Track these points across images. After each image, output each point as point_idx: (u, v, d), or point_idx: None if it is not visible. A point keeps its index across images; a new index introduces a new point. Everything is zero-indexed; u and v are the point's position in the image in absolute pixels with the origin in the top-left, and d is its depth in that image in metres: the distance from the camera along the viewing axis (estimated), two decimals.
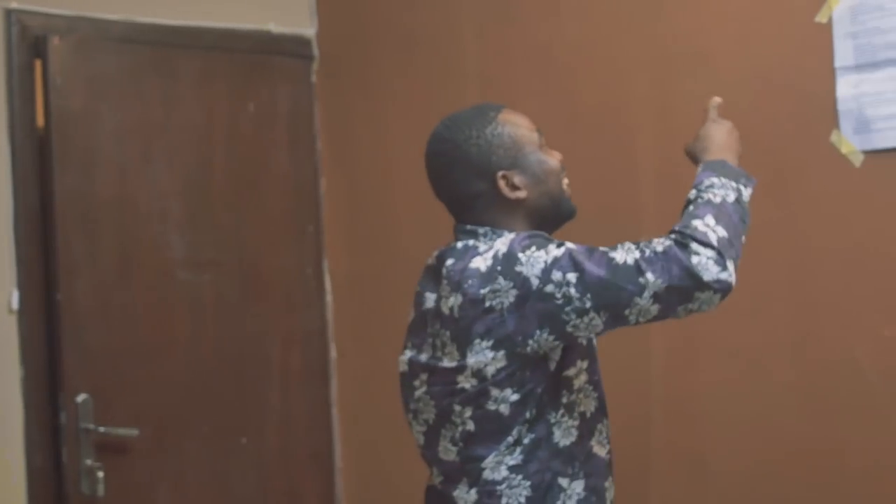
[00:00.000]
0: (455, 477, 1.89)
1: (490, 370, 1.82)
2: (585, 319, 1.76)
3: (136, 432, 2.97)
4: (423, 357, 1.91)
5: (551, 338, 1.79)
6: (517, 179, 1.92)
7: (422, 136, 3.24)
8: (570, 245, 1.80)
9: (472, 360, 1.82)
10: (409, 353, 1.97)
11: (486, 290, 1.80)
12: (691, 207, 1.80)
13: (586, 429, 1.89)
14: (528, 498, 1.84)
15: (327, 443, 3.40)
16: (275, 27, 3.36)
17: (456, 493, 1.88)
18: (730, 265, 1.72)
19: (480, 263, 1.83)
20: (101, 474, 2.90)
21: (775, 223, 2.52)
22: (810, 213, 2.55)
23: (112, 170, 3.06)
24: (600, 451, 1.92)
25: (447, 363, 1.85)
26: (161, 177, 3.14)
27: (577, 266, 1.76)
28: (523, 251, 1.80)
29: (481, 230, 1.92)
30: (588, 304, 1.75)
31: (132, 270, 3.07)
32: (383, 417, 3.36)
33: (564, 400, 1.87)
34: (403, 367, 1.98)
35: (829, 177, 2.50)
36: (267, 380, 3.29)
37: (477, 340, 1.81)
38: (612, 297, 1.74)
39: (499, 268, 1.80)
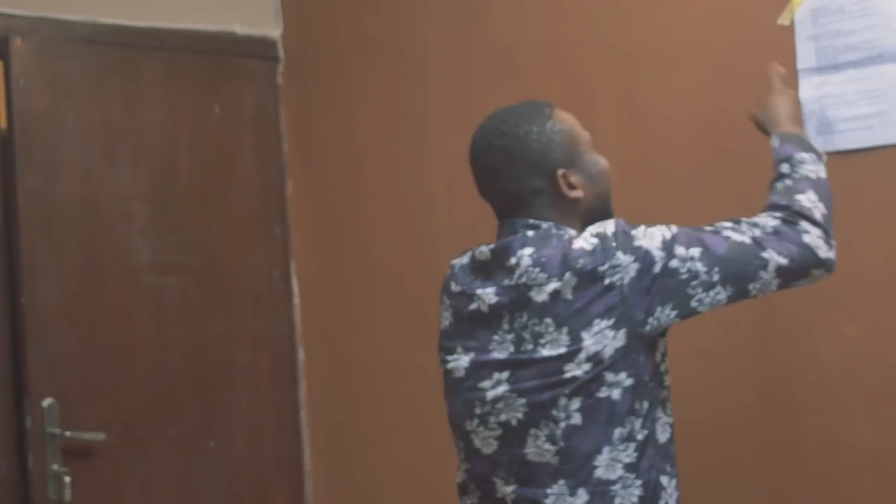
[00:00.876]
0: (544, 480, 1.79)
1: (608, 351, 1.76)
2: (711, 293, 1.76)
3: (102, 437, 2.95)
4: (500, 354, 1.83)
5: (673, 314, 1.78)
6: (574, 179, 1.89)
7: (388, 136, 3.27)
8: (673, 225, 1.81)
9: (589, 341, 1.76)
10: (466, 356, 1.88)
11: (606, 266, 1.76)
12: (789, 182, 1.84)
13: (673, 427, 1.88)
14: (640, 497, 1.79)
15: (296, 446, 3.39)
16: (240, 29, 3.34)
17: (549, 500, 1.78)
18: (833, 243, 1.79)
19: (583, 244, 1.79)
20: (67, 479, 2.88)
21: None
22: None
23: (76, 172, 3.04)
24: None
25: (549, 352, 1.77)
26: (126, 179, 3.12)
27: (699, 241, 1.76)
28: (634, 229, 1.79)
29: (545, 224, 1.86)
30: (716, 278, 1.75)
31: (97, 273, 3.05)
32: (352, 420, 3.37)
33: (660, 396, 1.85)
34: (460, 373, 1.89)
35: None
36: (234, 383, 3.28)
37: (596, 320, 1.76)
38: (739, 271, 1.76)
39: (614, 244, 1.77)
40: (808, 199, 1.80)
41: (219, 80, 3.30)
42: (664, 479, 1.83)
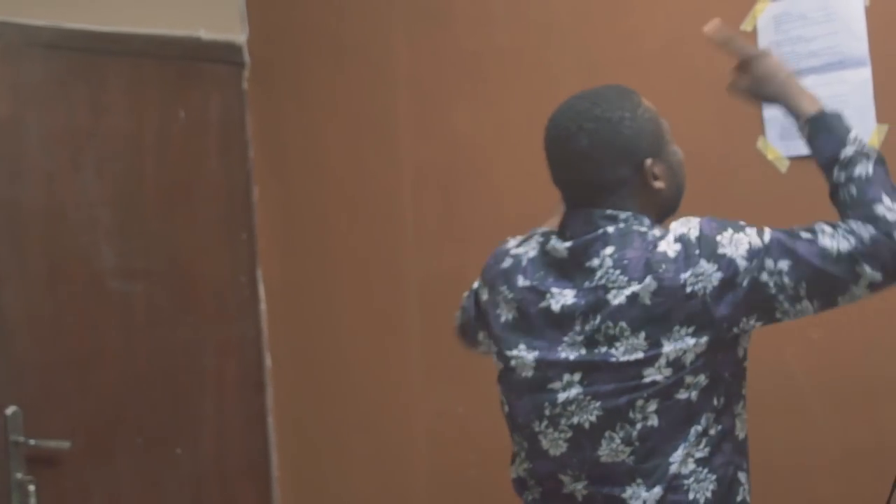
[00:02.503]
0: (621, 479, 1.76)
1: (689, 357, 1.72)
2: (798, 307, 1.71)
3: (67, 445, 2.93)
4: (569, 354, 1.77)
5: (759, 323, 1.74)
6: (657, 169, 1.82)
7: (354, 141, 3.27)
8: (768, 229, 1.74)
9: (668, 348, 1.71)
10: (531, 354, 1.82)
11: (688, 274, 1.70)
12: (853, 190, 1.74)
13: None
14: (713, 492, 1.76)
15: (263, 452, 3.38)
16: (205, 34, 3.33)
17: (627, 496, 1.75)
18: None
19: (666, 248, 1.73)
20: (32, 488, 2.86)
21: None
22: (738, 219, 2.59)
23: (40, 178, 3.01)
24: None
25: (626, 356, 1.73)
26: (90, 185, 3.10)
27: (788, 253, 1.70)
28: (719, 233, 1.73)
29: (623, 215, 1.79)
30: (802, 293, 1.69)
31: (62, 280, 3.03)
32: (320, 426, 3.36)
33: (742, 391, 1.82)
34: (527, 372, 1.82)
35: (756, 182, 2.54)
36: (201, 389, 3.27)
37: (676, 328, 1.71)
38: (828, 286, 1.69)
39: (697, 251, 1.71)
40: (885, 208, 1.71)
41: (184, 85, 3.29)
42: (742, 476, 1.81)
